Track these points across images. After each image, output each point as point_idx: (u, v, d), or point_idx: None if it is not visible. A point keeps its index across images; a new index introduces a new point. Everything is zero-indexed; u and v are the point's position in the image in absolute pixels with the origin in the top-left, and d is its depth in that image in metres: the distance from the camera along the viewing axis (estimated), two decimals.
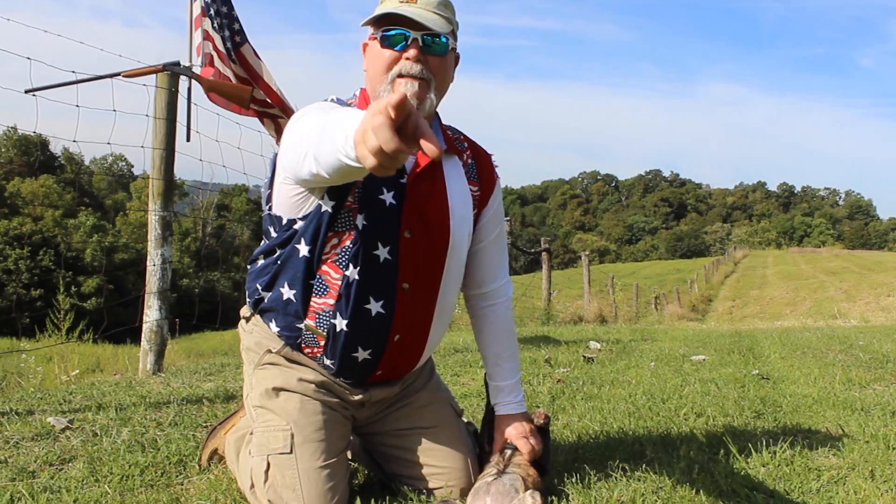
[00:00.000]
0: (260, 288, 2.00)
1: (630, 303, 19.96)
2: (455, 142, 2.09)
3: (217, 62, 4.30)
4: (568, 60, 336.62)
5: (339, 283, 1.90)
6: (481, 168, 2.11)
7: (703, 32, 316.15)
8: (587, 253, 15.32)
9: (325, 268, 1.91)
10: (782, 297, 29.09)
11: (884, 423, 2.95)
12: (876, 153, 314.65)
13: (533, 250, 11.86)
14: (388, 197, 1.89)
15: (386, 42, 1.87)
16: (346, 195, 1.86)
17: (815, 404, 3.40)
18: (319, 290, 1.92)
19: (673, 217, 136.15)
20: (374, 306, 1.92)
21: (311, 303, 1.93)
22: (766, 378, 4.24)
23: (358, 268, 1.89)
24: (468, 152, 2.11)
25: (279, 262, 1.94)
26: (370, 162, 1.23)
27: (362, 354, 1.97)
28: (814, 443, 2.63)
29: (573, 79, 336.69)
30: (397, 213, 1.90)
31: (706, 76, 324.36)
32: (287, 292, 1.94)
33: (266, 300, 2.00)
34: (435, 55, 1.88)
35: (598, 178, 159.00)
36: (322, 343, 1.95)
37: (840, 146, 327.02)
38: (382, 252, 1.90)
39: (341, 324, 1.92)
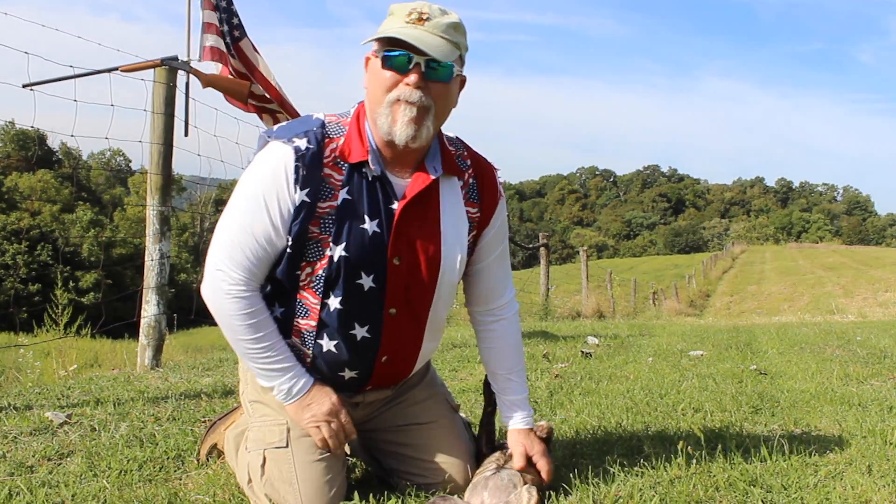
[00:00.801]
0: None
1: (628, 298, 19.99)
2: (457, 159, 2.00)
3: (221, 47, 4.25)
4: (566, 55, 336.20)
5: (318, 308, 1.88)
6: (483, 187, 2.02)
7: (701, 28, 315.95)
8: (585, 248, 15.30)
9: (303, 293, 1.89)
10: (780, 292, 29.12)
11: (881, 419, 2.96)
12: (874, 149, 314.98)
13: (531, 245, 11.86)
14: (371, 226, 1.84)
15: (388, 63, 1.78)
16: (305, 231, 1.82)
17: (813, 399, 3.41)
18: (301, 313, 1.91)
19: (671, 212, 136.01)
20: (360, 332, 1.91)
21: (295, 322, 1.92)
22: (764, 373, 4.25)
23: (340, 297, 1.86)
24: (470, 171, 2.01)
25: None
26: (316, 436, 1.93)
27: (349, 374, 1.96)
28: (811, 438, 2.64)
29: (571, 74, 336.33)
30: (383, 241, 1.85)
31: (705, 71, 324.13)
32: (275, 310, 1.92)
33: None
34: (437, 81, 1.80)
35: (597, 173, 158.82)
36: (308, 360, 1.95)
37: (838, 142, 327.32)
38: (366, 280, 1.86)
39: (328, 345, 1.91)
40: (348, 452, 2.30)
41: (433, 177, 1.89)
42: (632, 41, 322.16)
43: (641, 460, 2.31)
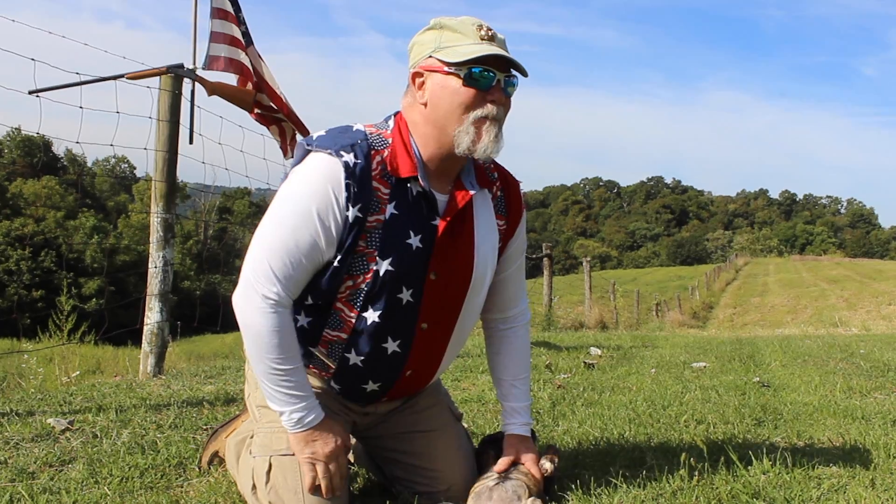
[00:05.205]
0: None
1: (631, 309, 19.96)
2: (486, 172, 2.01)
3: (242, 58, 4.21)
4: (570, 66, 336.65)
5: (353, 321, 1.87)
6: (509, 200, 2.05)
7: (705, 40, 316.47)
8: (588, 259, 15.31)
9: (339, 305, 1.87)
10: (783, 304, 29.09)
11: (884, 432, 2.94)
12: (878, 162, 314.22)
13: (534, 256, 11.84)
14: (415, 241, 1.84)
15: (472, 81, 1.77)
16: (354, 245, 1.79)
17: (816, 412, 3.40)
18: (333, 324, 1.89)
19: (674, 224, 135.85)
20: (391, 345, 1.91)
21: (324, 333, 1.90)
22: (767, 386, 4.24)
23: (380, 311, 1.85)
24: (498, 184, 2.03)
25: None
26: (308, 474, 1.85)
27: (371, 386, 1.97)
28: (814, 451, 2.63)
29: (575, 84, 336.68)
30: (425, 256, 1.85)
31: (709, 83, 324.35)
32: (301, 319, 1.91)
33: None
34: (509, 96, 1.84)
35: (600, 184, 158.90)
36: (331, 370, 1.95)
37: (842, 154, 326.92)
38: (405, 295, 1.86)
39: (355, 358, 1.90)
40: (352, 460, 2.30)
41: (472, 192, 1.91)
42: (635, 53, 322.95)
43: (644, 472, 2.30)
